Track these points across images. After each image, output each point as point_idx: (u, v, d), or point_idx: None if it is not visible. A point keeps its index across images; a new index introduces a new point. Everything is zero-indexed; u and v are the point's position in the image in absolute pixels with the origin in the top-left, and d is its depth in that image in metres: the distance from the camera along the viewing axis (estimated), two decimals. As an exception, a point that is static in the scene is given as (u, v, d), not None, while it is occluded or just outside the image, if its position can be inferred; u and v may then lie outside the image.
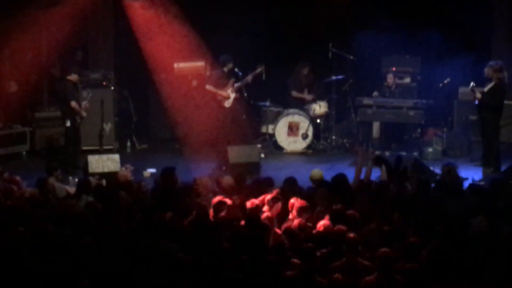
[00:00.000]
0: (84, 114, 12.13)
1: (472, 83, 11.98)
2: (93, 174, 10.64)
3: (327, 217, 7.57)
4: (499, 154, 11.80)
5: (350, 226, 7.07)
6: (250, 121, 13.71)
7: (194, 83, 14.36)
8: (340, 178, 8.91)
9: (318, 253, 6.58)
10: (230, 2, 14.03)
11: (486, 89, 11.76)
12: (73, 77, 12.13)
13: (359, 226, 7.28)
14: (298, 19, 14.46)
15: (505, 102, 13.22)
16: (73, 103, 11.97)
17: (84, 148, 12.72)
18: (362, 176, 9.58)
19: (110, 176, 10.45)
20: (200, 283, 6.17)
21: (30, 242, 6.77)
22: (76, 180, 10.08)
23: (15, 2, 13.17)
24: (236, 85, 13.03)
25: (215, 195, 8.59)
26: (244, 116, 13.24)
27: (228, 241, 6.93)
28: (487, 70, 11.74)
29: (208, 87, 12.94)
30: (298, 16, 14.42)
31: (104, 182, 9.98)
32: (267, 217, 7.70)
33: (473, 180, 10.47)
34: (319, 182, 9.14)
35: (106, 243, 6.75)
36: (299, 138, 13.78)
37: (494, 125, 11.84)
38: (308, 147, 13.78)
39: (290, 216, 7.90)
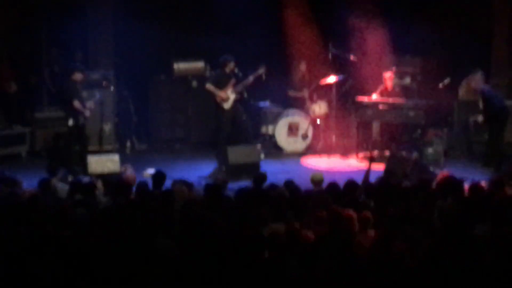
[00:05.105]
0: (87, 113, 11.98)
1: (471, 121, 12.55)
2: (92, 175, 10.64)
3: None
4: (501, 155, 11.87)
5: None
6: (250, 121, 13.70)
7: (194, 83, 14.37)
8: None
9: None
10: (230, 2, 14.01)
11: (481, 105, 12.06)
12: (77, 76, 12.04)
13: None
14: (298, 19, 14.47)
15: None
16: (76, 103, 11.84)
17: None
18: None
19: (112, 176, 10.44)
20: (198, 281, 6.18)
21: (30, 243, 6.76)
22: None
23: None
24: (236, 87, 12.95)
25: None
26: (244, 117, 13.22)
27: None
28: (465, 94, 12.32)
29: (207, 86, 12.81)
30: (298, 16, 14.43)
31: (100, 182, 9.94)
32: None
33: (473, 180, 10.47)
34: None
35: (106, 244, 6.75)
36: (299, 138, 13.78)
37: (500, 127, 12.02)
38: (308, 147, 13.78)
39: None
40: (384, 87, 13.48)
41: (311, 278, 6.21)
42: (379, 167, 11.13)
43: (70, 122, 11.90)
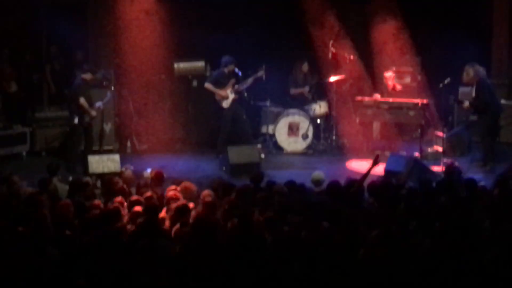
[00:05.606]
0: (93, 113, 12.06)
1: (452, 98, 12.21)
2: (93, 175, 10.64)
3: None
4: (493, 152, 11.89)
5: None
6: (250, 121, 13.70)
7: (194, 83, 14.37)
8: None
9: None
10: (230, 2, 14.01)
11: (473, 94, 11.97)
12: (87, 75, 12.11)
13: None
14: (298, 18, 14.46)
15: (505, 102, 13.32)
16: (82, 100, 11.92)
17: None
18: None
19: (112, 176, 10.42)
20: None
21: (29, 242, 6.76)
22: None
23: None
24: (236, 86, 13.02)
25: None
26: (244, 117, 13.24)
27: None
28: (465, 78, 12.04)
29: (206, 85, 12.99)
30: (298, 15, 14.42)
31: (99, 182, 9.95)
32: None
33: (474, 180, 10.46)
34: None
35: (105, 243, 6.75)
36: (299, 138, 13.77)
37: (489, 124, 11.98)
38: (308, 147, 13.78)
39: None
40: (385, 87, 13.49)
41: (312, 278, 6.21)
42: (379, 167, 11.09)
43: (75, 120, 11.95)
